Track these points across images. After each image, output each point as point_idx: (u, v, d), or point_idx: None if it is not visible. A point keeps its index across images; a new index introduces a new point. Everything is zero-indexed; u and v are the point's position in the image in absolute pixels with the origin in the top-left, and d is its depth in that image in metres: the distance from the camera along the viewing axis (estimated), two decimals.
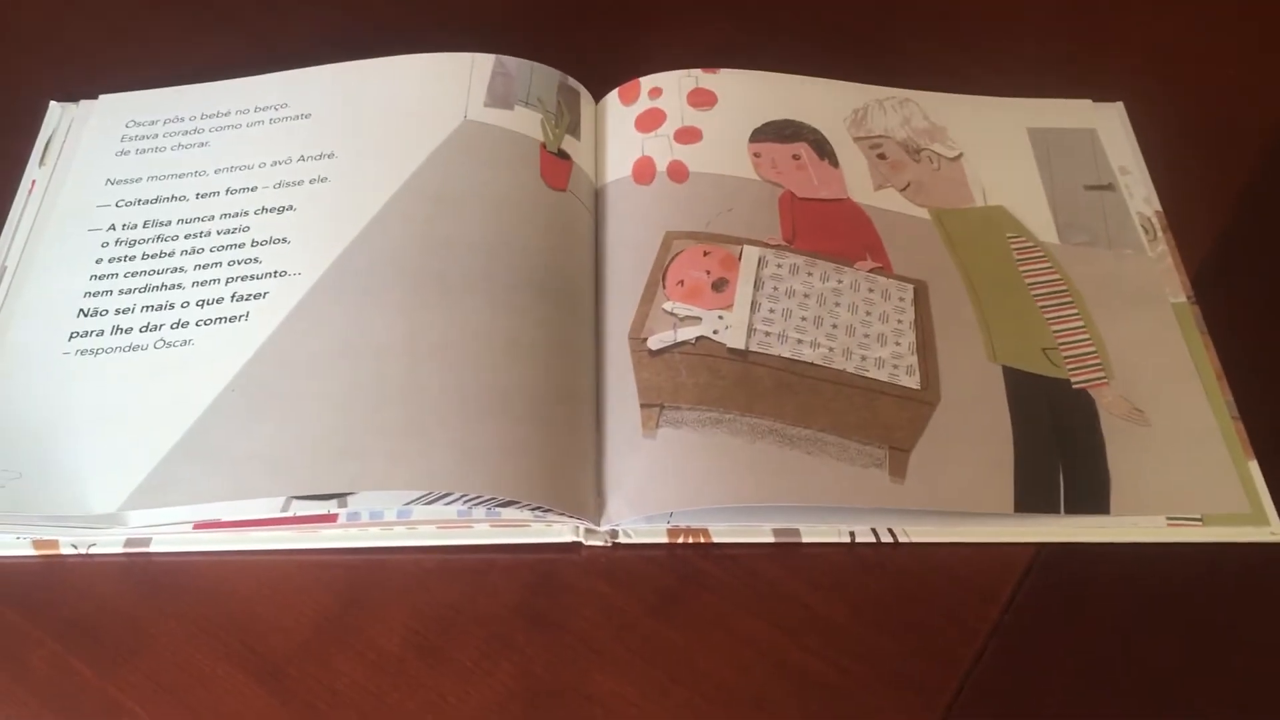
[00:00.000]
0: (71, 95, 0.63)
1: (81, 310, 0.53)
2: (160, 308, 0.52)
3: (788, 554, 0.47)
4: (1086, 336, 0.53)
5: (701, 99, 0.60)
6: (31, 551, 0.47)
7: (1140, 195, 0.59)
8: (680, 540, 0.47)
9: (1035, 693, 0.45)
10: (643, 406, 0.49)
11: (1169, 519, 0.48)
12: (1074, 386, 0.51)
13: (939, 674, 0.45)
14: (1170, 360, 0.52)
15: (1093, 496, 0.48)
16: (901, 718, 0.44)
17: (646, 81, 0.61)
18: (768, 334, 0.51)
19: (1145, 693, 0.44)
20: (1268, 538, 0.47)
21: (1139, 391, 0.51)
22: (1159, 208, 0.58)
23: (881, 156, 0.59)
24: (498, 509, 0.47)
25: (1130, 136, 0.61)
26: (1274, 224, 0.59)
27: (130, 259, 0.54)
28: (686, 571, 0.47)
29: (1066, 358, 0.52)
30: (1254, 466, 0.49)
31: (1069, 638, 0.46)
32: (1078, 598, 0.47)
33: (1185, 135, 0.62)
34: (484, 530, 0.47)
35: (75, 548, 0.47)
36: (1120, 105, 0.63)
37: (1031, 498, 0.48)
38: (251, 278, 0.53)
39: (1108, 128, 0.61)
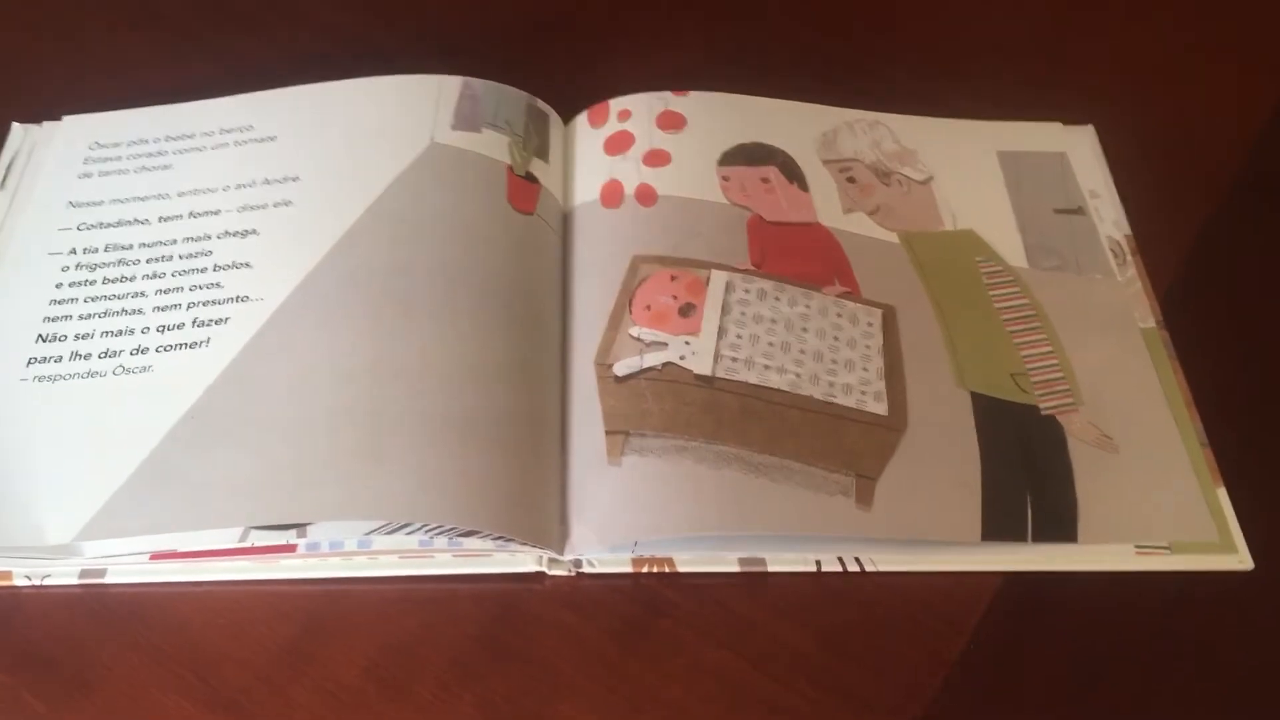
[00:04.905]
0: (35, 117, 0.62)
1: (40, 336, 0.52)
2: (120, 333, 0.51)
3: (753, 583, 0.47)
4: (1055, 362, 0.52)
5: (670, 121, 0.59)
6: None
7: (1110, 219, 0.58)
8: (645, 570, 0.47)
9: None
10: (608, 433, 0.49)
11: (1137, 547, 0.47)
12: (1042, 413, 0.51)
13: (906, 703, 0.44)
14: (1139, 386, 0.52)
15: (1061, 524, 0.48)
16: None
17: (616, 104, 0.60)
18: (735, 360, 0.51)
19: None
20: (1235, 566, 0.47)
21: (1108, 417, 0.51)
22: (1129, 232, 0.58)
23: (851, 180, 0.59)
24: (459, 539, 0.46)
25: (1101, 160, 0.61)
26: (1243, 249, 0.59)
27: (90, 283, 0.54)
28: (651, 601, 0.47)
29: (1035, 383, 0.52)
30: (1222, 493, 0.49)
31: (1036, 666, 0.45)
32: (1045, 626, 0.46)
33: (1156, 159, 0.61)
34: (446, 560, 0.47)
35: (29, 579, 0.46)
36: (1091, 128, 0.63)
37: (999, 526, 0.47)
38: (213, 303, 0.52)
39: (1078, 151, 0.61)
